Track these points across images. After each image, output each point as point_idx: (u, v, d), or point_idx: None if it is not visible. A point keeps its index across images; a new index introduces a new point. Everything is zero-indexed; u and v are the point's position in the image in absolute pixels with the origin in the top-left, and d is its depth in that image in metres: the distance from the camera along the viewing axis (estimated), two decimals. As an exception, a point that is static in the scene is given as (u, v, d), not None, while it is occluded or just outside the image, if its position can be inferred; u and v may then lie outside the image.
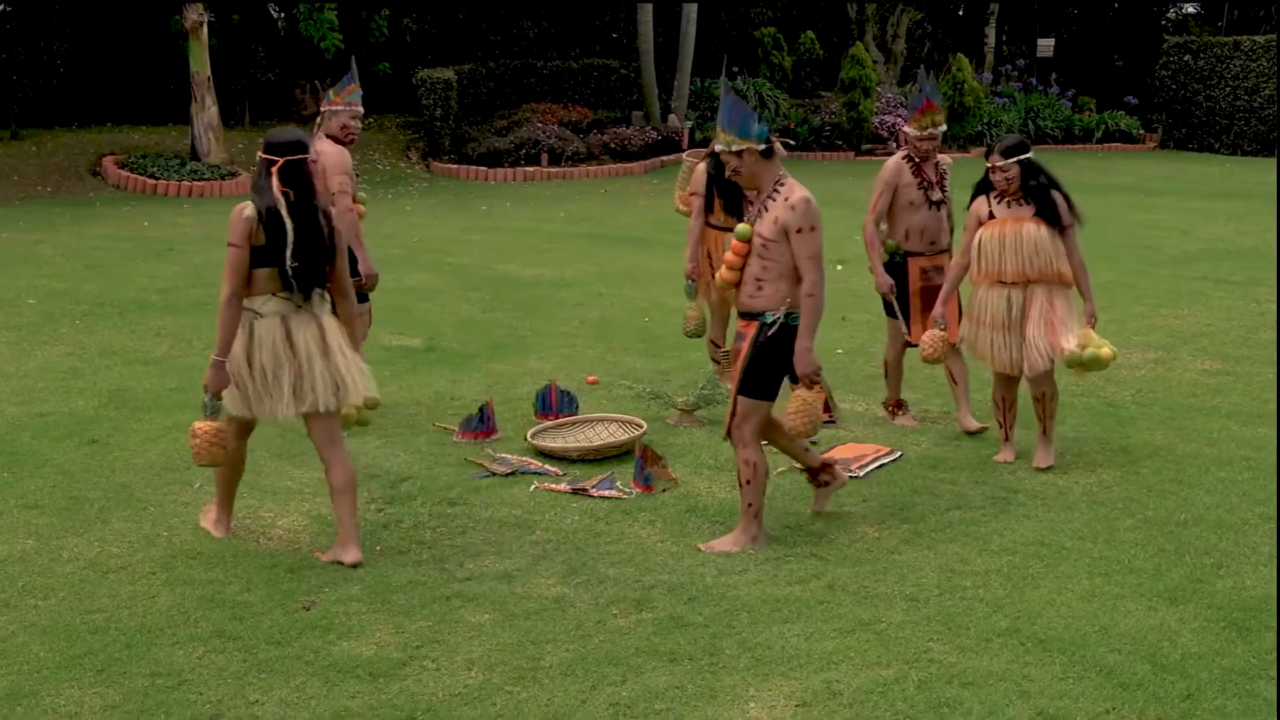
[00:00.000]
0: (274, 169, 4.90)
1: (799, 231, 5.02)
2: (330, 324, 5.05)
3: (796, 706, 4.01)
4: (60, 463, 6.32)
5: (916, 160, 6.94)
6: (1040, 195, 6.16)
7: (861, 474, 6.25)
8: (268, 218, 4.86)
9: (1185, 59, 25.63)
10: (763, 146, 5.11)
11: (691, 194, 7.67)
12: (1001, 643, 4.43)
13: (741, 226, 5.23)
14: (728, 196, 7.46)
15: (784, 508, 5.81)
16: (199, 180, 17.31)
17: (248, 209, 4.90)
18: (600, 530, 5.52)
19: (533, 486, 6.08)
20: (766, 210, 5.12)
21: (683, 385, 7.64)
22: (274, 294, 4.94)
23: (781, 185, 5.13)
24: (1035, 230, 6.14)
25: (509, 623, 4.60)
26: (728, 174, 5.31)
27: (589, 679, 4.18)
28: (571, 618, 4.64)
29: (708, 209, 7.60)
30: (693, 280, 7.67)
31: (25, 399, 7.43)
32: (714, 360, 7.92)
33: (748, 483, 5.29)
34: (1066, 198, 6.20)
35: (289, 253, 4.86)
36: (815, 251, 5.05)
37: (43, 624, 4.56)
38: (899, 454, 6.57)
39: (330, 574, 5.01)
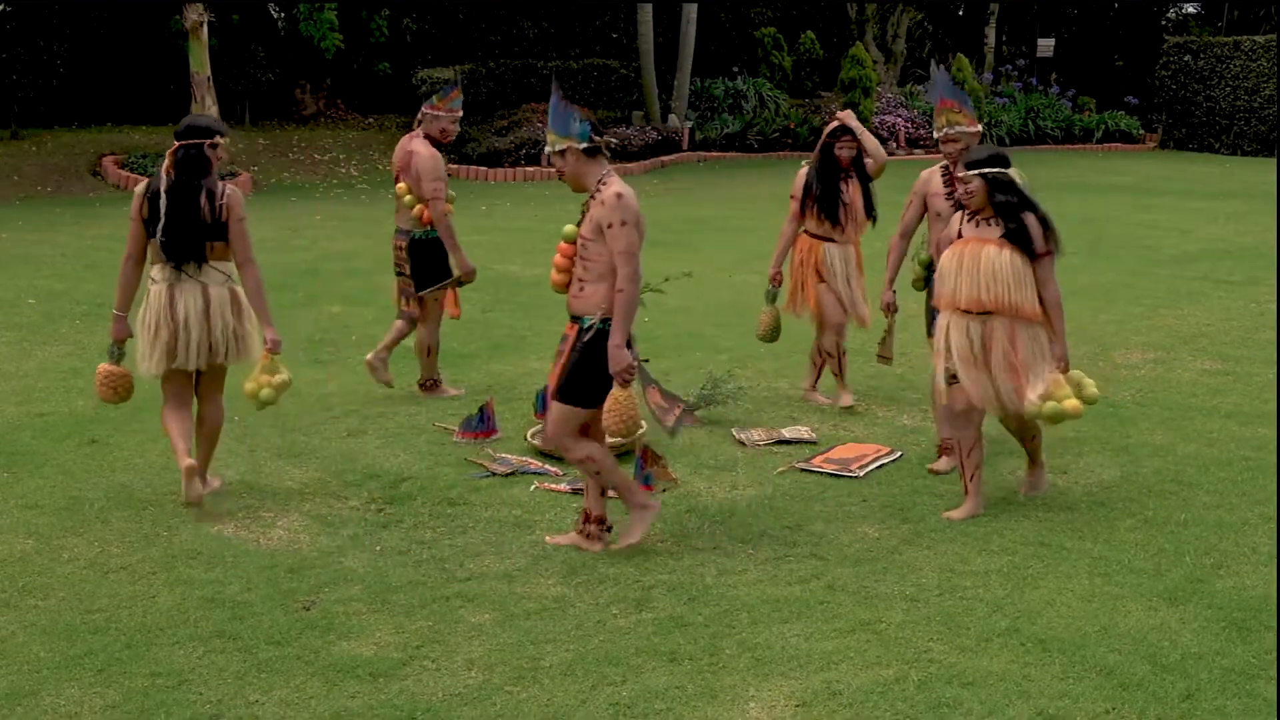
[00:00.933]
0: (169, 153, 5.62)
1: (609, 226, 4.96)
2: (219, 294, 5.61)
3: (796, 706, 4.01)
4: (60, 463, 6.32)
5: (951, 167, 6.26)
6: (1009, 215, 5.44)
7: (861, 474, 6.25)
8: (151, 195, 5.55)
9: (1185, 59, 25.63)
10: (584, 145, 5.07)
11: (790, 197, 7.42)
12: (1001, 643, 4.44)
13: (568, 228, 5.20)
14: (824, 202, 7.23)
15: (784, 508, 5.80)
16: (199, 180, 17.31)
17: (140, 186, 5.66)
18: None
19: (533, 486, 6.08)
20: (589, 210, 5.08)
21: (683, 385, 7.64)
22: (164, 262, 5.56)
23: (603, 185, 5.06)
24: (995, 254, 5.43)
25: (509, 623, 4.60)
26: (559, 176, 5.23)
27: (589, 679, 4.18)
28: (571, 618, 4.64)
29: (803, 213, 7.36)
30: (774, 285, 7.50)
31: (25, 399, 7.43)
32: (833, 371, 7.51)
33: (598, 473, 5.26)
34: (1045, 221, 5.49)
35: (159, 226, 5.49)
36: (625, 247, 4.94)
37: (43, 624, 4.56)
38: (899, 454, 6.57)
39: (330, 574, 5.02)
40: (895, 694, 4.08)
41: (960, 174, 5.56)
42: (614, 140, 5.07)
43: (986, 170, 5.44)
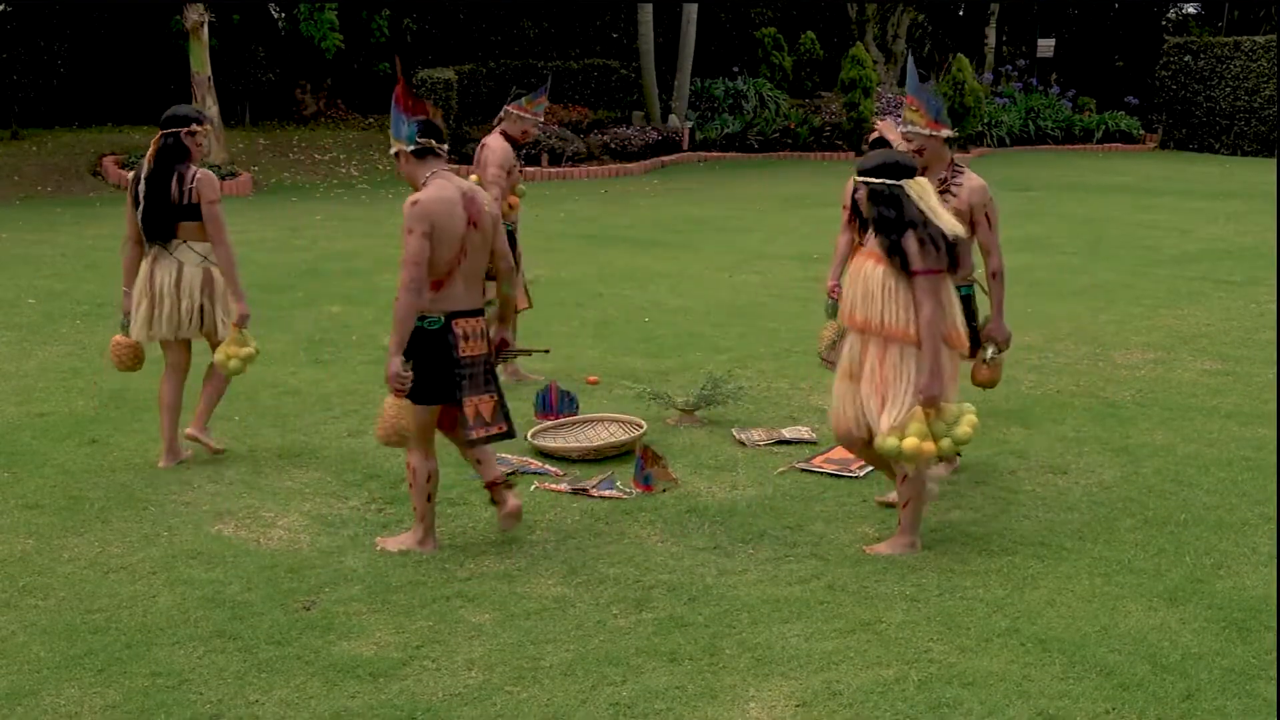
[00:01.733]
0: (154, 141, 6.12)
1: (404, 234, 4.97)
2: (191, 271, 6.12)
3: (796, 706, 4.01)
4: (60, 463, 6.32)
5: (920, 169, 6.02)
6: (885, 229, 5.02)
7: (861, 474, 6.25)
8: (135, 180, 6.09)
9: (1185, 59, 25.63)
10: (412, 148, 5.07)
11: (842, 207, 6.97)
12: (1001, 643, 4.44)
13: None
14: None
15: (784, 508, 5.80)
16: (199, 180, 17.30)
17: (132, 173, 6.22)
18: (600, 530, 5.52)
19: (533, 486, 6.08)
20: None
21: (683, 385, 7.65)
22: (148, 240, 6.12)
23: (423, 186, 5.06)
24: (872, 270, 5.07)
25: (509, 623, 4.60)
26: (397, 176, 5.35)
27: (589, 679, 4.18)
28: (571, 618, 4.64)
29: (853, 222, 6.81)
30: (833, 297, 6.84)
31: (25, 399, 7.43)
32: None
33: (410, 485, 5.28)
34: (931, 240, 4.96)
35: (140, 208, 6.05)
36: (407, 255, 4.92)
37: (43, 624, 4.56)
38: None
39: (330, 574, 5.02)
40: (895, 694, 4.08)
41: (853, 178, 5.29)
42: (437, 144, 5.08)
43: (871, 180, 5.08)
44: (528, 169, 19.62)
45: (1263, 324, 9.70)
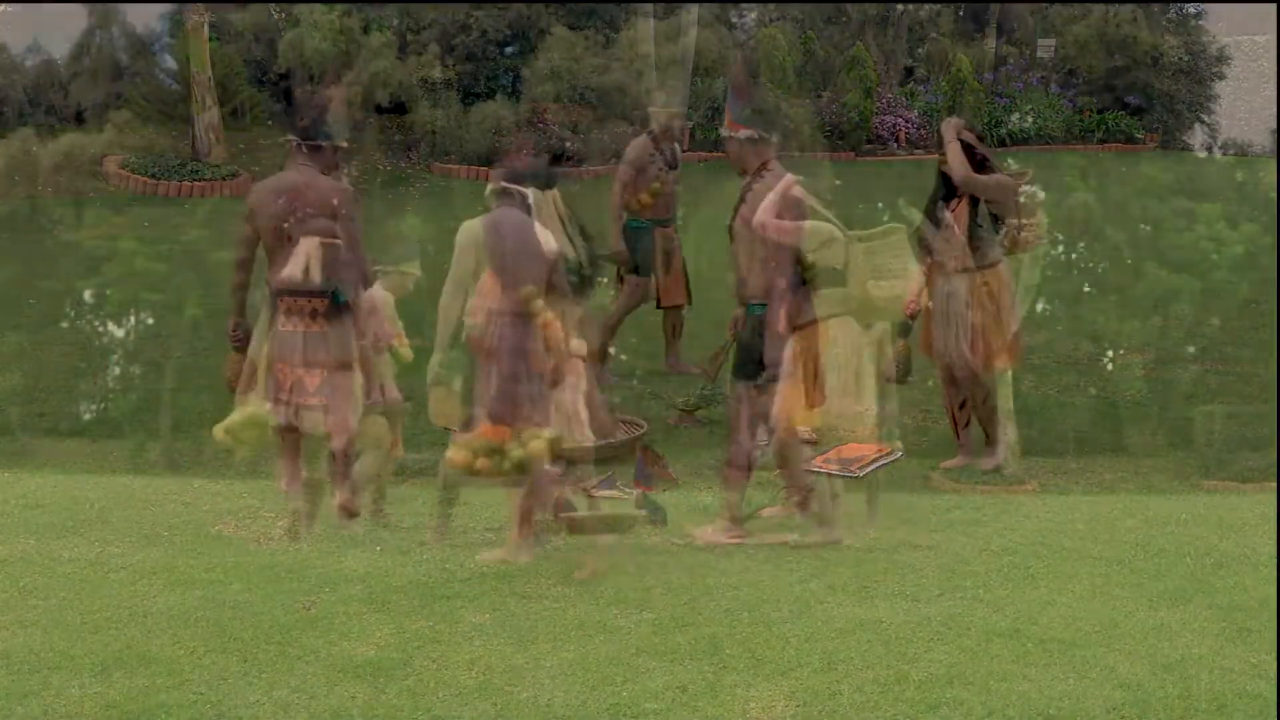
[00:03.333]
0: None
1: None
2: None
3: (797, 707, 4.01)
4: (61, 462, 6.33)
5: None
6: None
7: (861, 474, 6.23)
8: None
9: (1185, 59, 25.65)
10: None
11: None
12: (1001, 643, 4.43)
13: None
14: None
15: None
16: (199, 180, 17.28)
17: None
18: (600, 530, 5.51)
19: (533, 486, 6.07)
20: None
21: (683, 385, 7.64)
22: None
23: None
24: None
25: (509, 623, 4.59)
26: None
27: (589, 679, 4.18)
28: (571, 618, 4.64)
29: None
30: (911, 318, 6.43)
31: (25, 399, 7.43)
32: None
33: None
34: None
35: None
36: None
37: (43, 624, 4.56)
38: (899, 454, 6.56)
39: (330, 574, 5.02)
40: (895, 694, 4.08)
41: None
42: (304, 141, 5.59)
43: (508, 185, 5.17)
44: (528, 169, 19.58)
45: (1263, 324, 9.70)
